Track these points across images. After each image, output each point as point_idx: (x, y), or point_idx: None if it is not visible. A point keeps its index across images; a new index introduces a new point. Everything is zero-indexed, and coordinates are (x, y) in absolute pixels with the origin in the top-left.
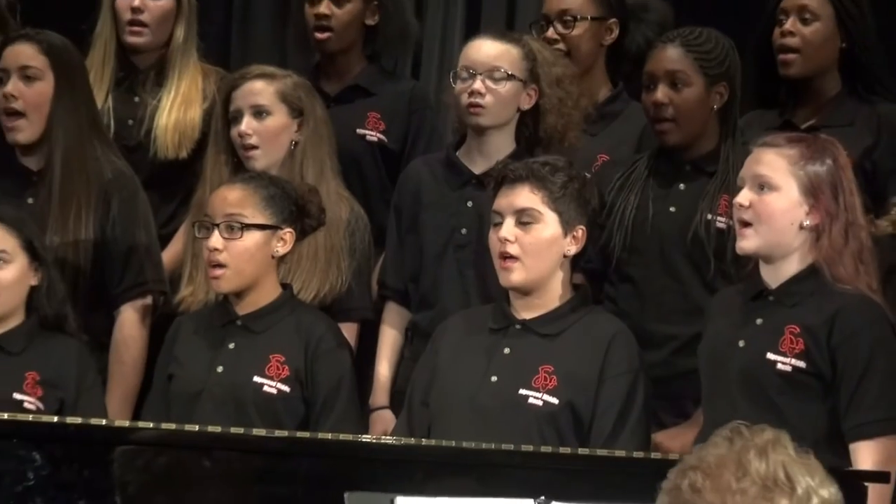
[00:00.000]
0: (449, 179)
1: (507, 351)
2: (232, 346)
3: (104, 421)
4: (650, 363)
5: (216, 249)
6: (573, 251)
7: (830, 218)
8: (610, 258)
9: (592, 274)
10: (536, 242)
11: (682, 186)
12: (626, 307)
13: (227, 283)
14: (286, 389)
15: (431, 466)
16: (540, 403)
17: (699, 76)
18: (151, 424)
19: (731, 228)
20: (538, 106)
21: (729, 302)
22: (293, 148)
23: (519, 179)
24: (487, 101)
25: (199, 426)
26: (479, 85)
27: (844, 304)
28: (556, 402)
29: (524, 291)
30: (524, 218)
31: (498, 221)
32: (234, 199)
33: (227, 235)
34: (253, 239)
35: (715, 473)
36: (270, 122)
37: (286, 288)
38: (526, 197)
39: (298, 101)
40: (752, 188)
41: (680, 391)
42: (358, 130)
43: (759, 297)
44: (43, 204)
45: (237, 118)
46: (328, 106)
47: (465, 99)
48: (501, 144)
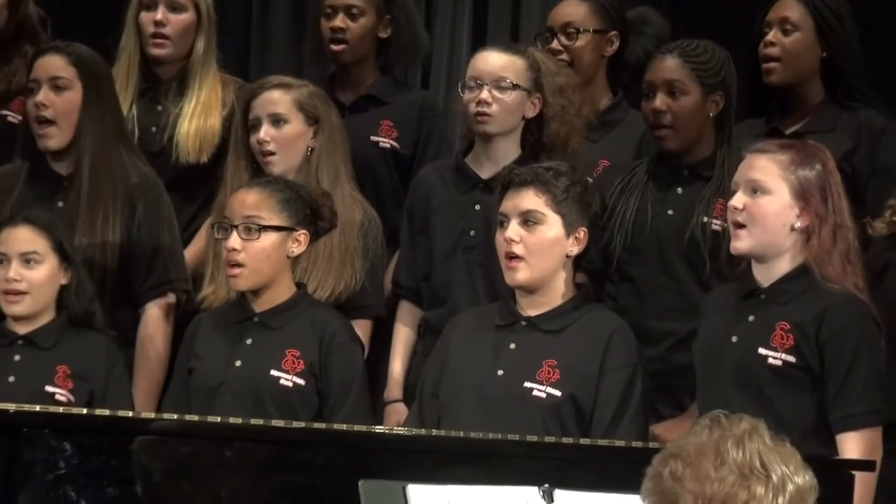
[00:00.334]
0: (458, 184)
1: (512, 346)
2: (249, 341)
3: (131, 412)
4: (648, 358)
5: (235, 250)
6: (575, 252)
7: (820, 220)
8: (611, 258)
9: (594, 273)
10: (540, 243)
11: (679, 190)
12: (626, 305)
13: (244, 281)
14: (301, 382)
15: (441, 456)
16: (543, 395)
17: (696, 85)
18: (176, 416)
19: (725, 230)
20: (542, 114)
21: (723, 300)
22: (309, 154)
23: (524, 183)
24: (494, 109)
25: (220, 418)
26: (485, 94)
27: (832, 301)
28: (558, 394)
29: (529, 290)
30: (529, 219)
31: (504, 223)
32: (251, 201)
33: (244, 236)
34: (269, 240)
35: (694, 462)
36: (287, 129)
37: (300, 287)
38: (530, 200)
39: (314, 109)
40: (745, 192)
41: (677, 385)
42: (371, 137)
43: (751, 295)
44: (72, 207)
45: (256, 126)
46: (343, 114)
47: (472, 108)
48: (508, 150)
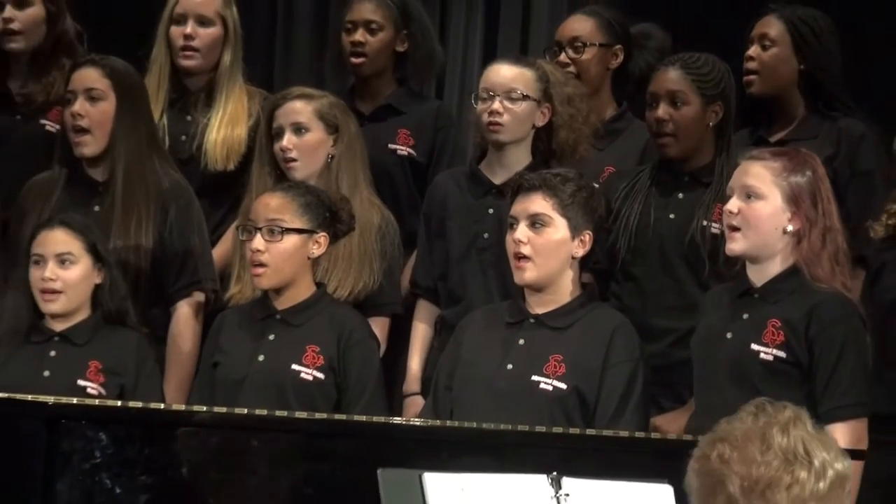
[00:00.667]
0: (472, 189)
1: (521, 342)
2: (272, 337)
3: (162, 405)
4: (651, 354)
5: (258, 251)
6: (580, 253)
7: (810, 223)
8: (616, 259)
9: (600, 273)
10: (547, 244)
11: (680, 196)
12: (629, 303)
13: (267, 280)
14: (321, 376)
15: (455, 445)
16: (550, 388)
17: (697, 96)
18: (205, 408)
19: (724, 234)
20: (551, 122)
21: (719, 298)
22: (330, 161)
23: (533, 188)
24: (505, 119)
25: (247, 410)
26: (497, 105)
27: (821, 300)
28: (564, 387)
29: (536, 288)
30: (536, 222)
31: (513, 225)
32: (274, 205)
33: (268, 238)
34: (291, 241)
35: (741, 446)
36: (309, 137)
37: (320, 286)
38: (538, 203)
39: (334, 119)
40: (740, 197)
41: (677, 379)
42: (389, 145)
43: (745, 294)
44: (107, 212)
45: (279, 134)
46: (362, 124)
47: (485, 118)
48: (519, 157)
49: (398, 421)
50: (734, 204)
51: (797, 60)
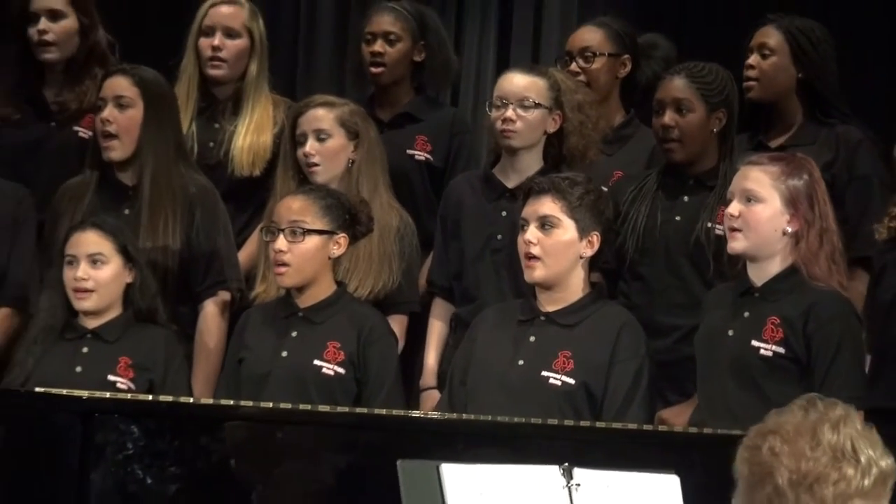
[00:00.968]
0: (486, 193)
1: (532, 339)
2: (294, 334)
3: (191, 399)
4: (658, 350)
5: (281, 251)
6: (588, 254)
7: (808, 225)
8: (624, 259)
9: (609, 273)
10: (555, 245)
11: (686, 199)
12: (637, 301)
13: (289, 279)
14: (342, 371)
15: (471, 438)
16: (559, 383)
17: (701, 103)
18: (232, 402)
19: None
20: (562, 129)
21: (721, 297)
22: (350, 166)
23: (542, 191)
24: (518, 126)
25: (271, 403)
26: (510, 113)
27: (818, 298)
28: (572, 382)
29: (545, 287)
30: (546, 224)
31: (524, 226)
32: (296, 207)
33: (290, 239)
34: (313, 242)
35: (792, 440)
36: (331, 143)
37: (340, 284)
38: (548, 206)
39: (355, 125)
40: (740, 200)
41: (683, 374)
42: (407, 151)
43: (746, 293)
44: (136, 214)
45: (302, 140)
46: (381, 130)
47: (499, 124)
48: (531, 162)
49: (416, 414)
50: (735, 207)
51: (795, 69)
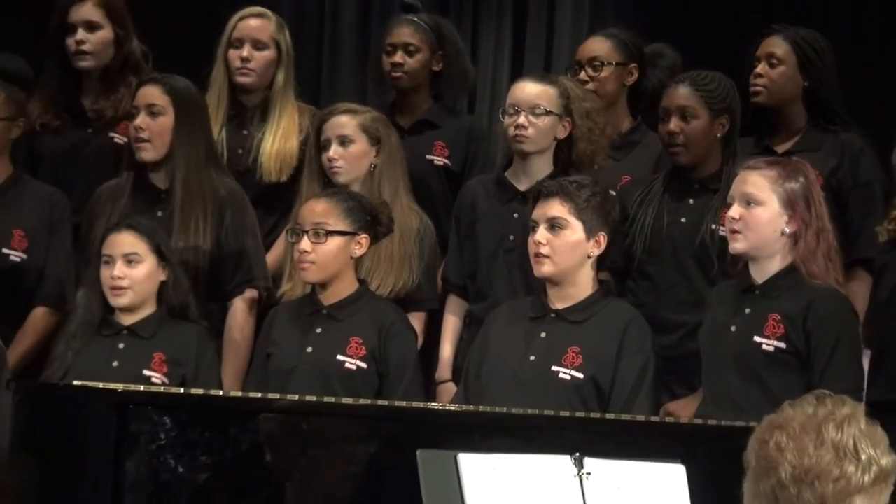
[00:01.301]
0: (499, 195)
1: (543, 335)
2: (319, 330)
3: (220, 392)
4: (664, 345)
5: (305, 251)
6: (595, 253)
7: (805, 225)
8: (632, 259)
9: (617, 272)
10: (564, 245)
11: (691, 201)
12: (644, 299)
13: (313, 274)
14: (364, 366)
15: (487, 429)
16: (568, 378)
17: (705, 110)
18: (260, 395)
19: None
20: (571, 135)
21: (724, 294)
22: (372, 170)
23: (551, 194)
24: (530, 132)
25: (297, 396)
26: (523, 119)
27: (817, 296)
28: (581, 376)
29: (553, 282)
30: (555, 225)
31: (534, 227)
32: (320, 210)
33: (314, 240)
34: (335, 243)
35: (797, 437)
36: (353, 148)
37: (362, 283)
38: (556, 208)
39: (377, 131)
40: (741, 204)
41: (689, 368)
42: (426, 156)
43: (747, 290)
44: (168, 216)
45: (326, 146)
46: (402, 136)
47: (511, 130)
48: (542, 167)
49: (435, 406)
50: (736, 211)
51: (802, 77)
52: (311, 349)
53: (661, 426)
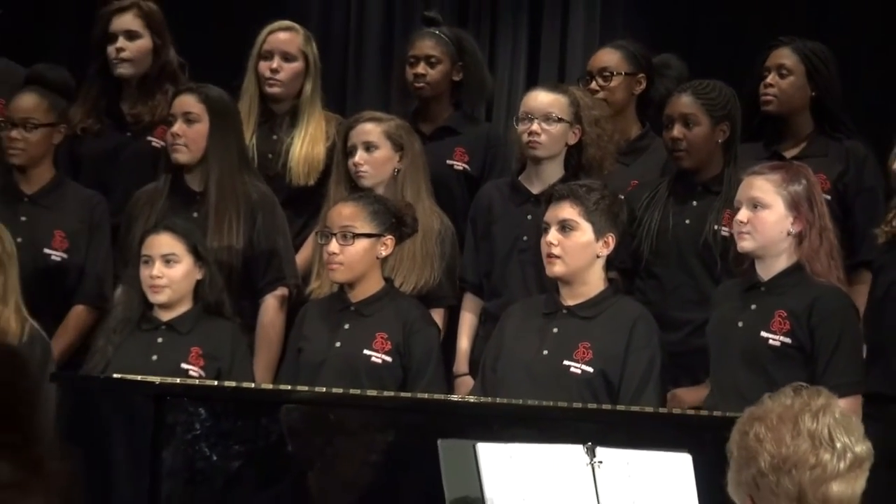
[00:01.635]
0: (513, 198)
1: (555, 331)
2: (347, 326)
3: (253, 384)
4: (671, 342)
5: (334, 253)
6: (604, 253)
7: (809, 225)
8: (639, 259)
9: (626, 272)
10: (574, 245)
11: (694, 203)
12: (652, 298)
13: (341, 275)
14: (389, 360)
15: (504, 420)
16: (579, 372)
17: (706, 117)
18: (289, 387)
19: (733, 236)
20: (581, 141)
21: (730, 292)
22: (396, 174)
23: (562, 197)
24: (542, 138)
25: (326, 388)
26: (535, 126)
27: (821, 293)
28: (591, 370)
29: (565, 281)
30: (565, 227)
31: (546, 229)
32: (347, 213)
33: (342, 242)
34: (362, 244)
35: (775, 428)
36: (378, 154)
37: (388, 281)
38: (567, 211)
39: (400, 138)
40: (747, 207)
41: (695, 363)
42: (447, 161)
43: (753, 287)
44: (203, 218)
45: (352, 152)
46: (424, 142)
47: (525, 137)
48: (553, 171)
49: (455, 398)
50: (744, 214)
51: (809, 87)
52: (339, 344)
53: (669, 417)
